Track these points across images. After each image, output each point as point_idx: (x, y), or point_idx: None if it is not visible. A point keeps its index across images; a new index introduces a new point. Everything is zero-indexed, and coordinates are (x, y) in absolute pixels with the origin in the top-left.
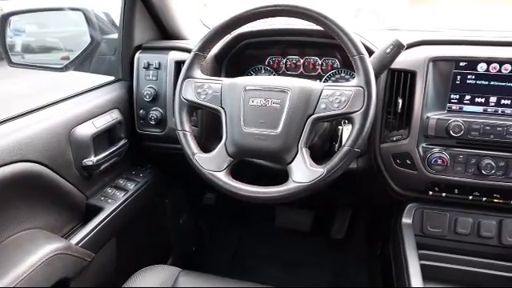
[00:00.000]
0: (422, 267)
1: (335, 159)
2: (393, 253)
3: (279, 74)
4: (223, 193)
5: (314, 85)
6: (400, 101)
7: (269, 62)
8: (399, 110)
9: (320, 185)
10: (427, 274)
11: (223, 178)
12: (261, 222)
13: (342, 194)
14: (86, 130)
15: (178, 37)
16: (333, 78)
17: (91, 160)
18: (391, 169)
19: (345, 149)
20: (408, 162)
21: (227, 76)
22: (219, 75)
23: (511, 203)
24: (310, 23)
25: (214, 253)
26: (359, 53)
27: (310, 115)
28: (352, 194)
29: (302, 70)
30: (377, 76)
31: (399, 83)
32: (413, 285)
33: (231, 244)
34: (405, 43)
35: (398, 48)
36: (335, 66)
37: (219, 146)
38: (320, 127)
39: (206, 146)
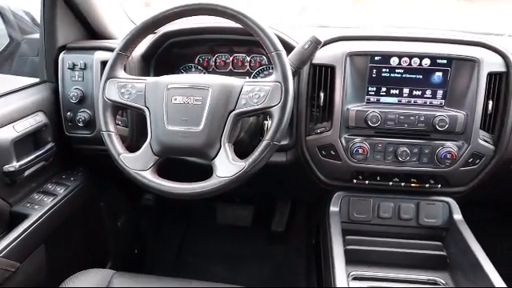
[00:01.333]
0: (349, 251)
1: (256, 153)
2: (322, 240)
3: (209, 72)
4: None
5: (235, 81)
6: (322, 94)
7: (198, 61)
8: (321, 104)
9: (243, 178)
10: (354, 257)
11: (148, 176)
12: (203, 219)
13: (277, 186)
14: (6, 134)
15: (106, 36)
16: (261, 75)
17: (13, 166)
18: (317, 160)
19: (264, 142)
20: (332, 152)
21: (156, 75)
22: (148, 75)
23: (426, 187)
24: None
25: (157, 253)
26: (276, 49)
27: (232, 111)
28: (285, 187)
29: (231, 67)
30: (297, 71)
31: (320, 77)
32: (336, 268)
33: (174, 243)
34: (322, 39)
35: (316, 44)
36: (263, 62)
37: (144, 145)
38: (246, 122)
39: (138, 145)
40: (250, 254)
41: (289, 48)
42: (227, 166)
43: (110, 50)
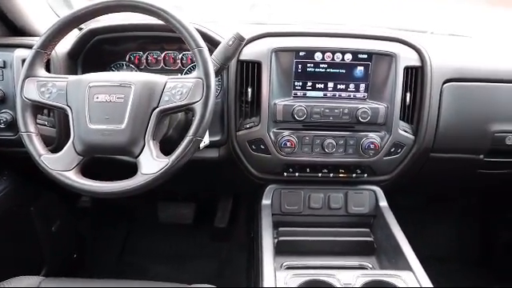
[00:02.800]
0: (282, 243)
1: (179, 149)
2: (254, 233)
3: (141, 70)
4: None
5: (158, 78)
6: (250, 90)
7: (130, 58)
8: (249, 99)
9: (167, 174)
10: (287, 248)
11: (72, 176)
12: (145, 218)
13: (214, 182)
14: None
15: (30, 33)
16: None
17: None
18: (248, 154)
19: (187, 138)
20: (262, 146)
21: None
22: (75, 73)
23: (353, 176)
24: None
25: (98, 256)
26: (198, 46)
27: (155, 108)
28: (221, 182)
29: (162, 64)
30: (223, 67)
31: (248, 73)
32: (264, 260)
33: (116, 244)
34: (245, 36)
35: (239, 40)
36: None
37: (67, 145)
38: (174, 119)
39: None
40: (193, 252)
41: (216, 44)
42: (151, 163)
43: (31, 47)
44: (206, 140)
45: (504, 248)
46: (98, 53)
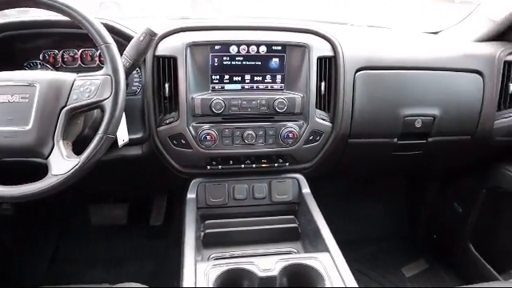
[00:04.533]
0: (209, 235)
1: (90, 148)
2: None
3: (57, 69)
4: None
5: (66, 76)
6: (167, 85)
7: (44, 57)
8: (167, 94)
9: (79, 174)
10: (214, 240)
11: None
12: (76, 223)
13: (142, 180)
14: None
15: None
16: None
17: None
18: (170, 150)
19: (98, 136)
20: (183, 141)
21: None
22: None
23: (275, 166)
24: None
25: (26, 267)
26: (105, 42)
27: (63, 107)
28: (148, 180)
29: (80, 62)
30: (136, 63)
31: (164, 69)
32: (185, 252)
33: (46, 253)
34: (157, 31)
35: (151, 36)
36: None
37: None
38: (90, 118)
39: None
40: (130, 253)
41: (130, 40)
42: (62, 164)
43: None
44: (126, 137)
45: (426, 222)
46: (7, 50)
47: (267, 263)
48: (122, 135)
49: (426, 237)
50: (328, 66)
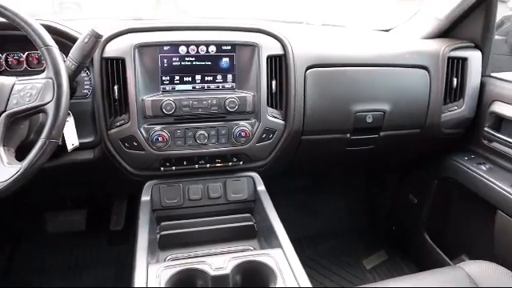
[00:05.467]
0: (165, 237)
1: (32, 153)
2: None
3: (0, 73)
4: None
5: (4, 80)
6: (116, 87)
7: None
8: (117, 97)
9: (21, 180)
10: (170, 241)
11: None
12: (33, 232)
13: (97, 184)
14: None
15: None
16: None
17: None
18: (123, 153)
19: (40, 141)
20: (135, 143)
21: None
22: None
23: (230, 165)
24: None
25: None
26: (45, 44)
27: (2, 112)
28: (104, 183)
29: (25, 65)
30: (82, 66)
31: (113, 71)
32: (137, 255)
33: (0, 263)
34: (102, 33)
35: (95, 37)
36: None
37: None
38: (35, 123)
39: None
40: (90, 260)
41: (74, 41)
42: (1, 171)
43: None
44: (76, 142)
45: (385, 214)
46: None
47: (219, 262)
48: (72, 139)
49: (385, 229)
50: (278, 65)
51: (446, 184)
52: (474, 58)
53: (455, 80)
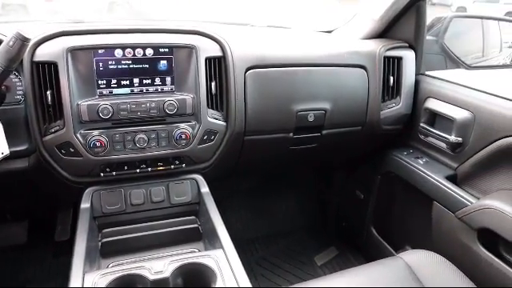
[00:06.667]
0: (107, 244)
1: None
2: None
3: None
4: None
5: None
6: (49, 92)
7: None
8: (50, 102)
9: None
10: (113, 248)
11: None
12: None
13: (34, 195)
14: None
15: None
16: None
17: None
18: (59, 160)
19: None
20: (71, 150)
21: None
22: None
23: (172, 168)
24: None
25: None
26: None
27: None
28: (42, 193)
29: None
30: (8, 70)
31: (45, 75)
32: (72, 265)
33: None
34: (30, 36)
35: (22, 41)
36: None
37: None
38: None
39: None
40: (34, 274)
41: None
42: None
43: None
44: (6, 150)
45: (335, 211)
46: None
47: (159, 266)
48: (1, 148)
49: (335, 225)
50: (218, 66)
51: (389, 178)
52: (408, 57)
53: (392, 78)
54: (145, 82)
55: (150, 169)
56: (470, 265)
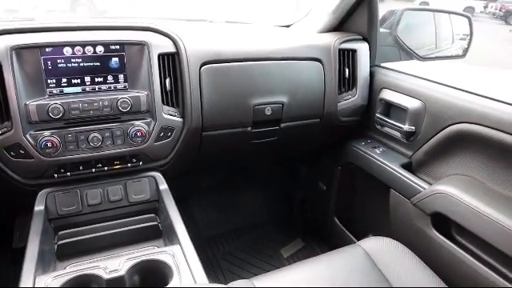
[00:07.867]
0: (63, 246)
1: None
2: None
3: None
4: None
5: None
6: None
7: None
8: None
9: None
10: (70, 250)
11: None
12: None
13: None
14: None
15: None
16: None
17: None
18: (9, 162)
19: None
20: (21, 152)
21: None
22: None
23: (129, 166)
24: None
25: None
26: None
27: None
28: None
29: None
30: None
31: None
32: (23, 269)
33: None
34: None
35: None
36: None
37: None
38: None
39: None
40: None
41: None
42: None
43: None
44: None
45: (300, 203)
46: None
47: (114, 264)
48: None
49: (301, 217)
50: (172, 63)
51: (349, 169)
52: (363, 49)
53: (347, 70)
54: (97, 80)
55: (106, 168)
56: (425, 249)
